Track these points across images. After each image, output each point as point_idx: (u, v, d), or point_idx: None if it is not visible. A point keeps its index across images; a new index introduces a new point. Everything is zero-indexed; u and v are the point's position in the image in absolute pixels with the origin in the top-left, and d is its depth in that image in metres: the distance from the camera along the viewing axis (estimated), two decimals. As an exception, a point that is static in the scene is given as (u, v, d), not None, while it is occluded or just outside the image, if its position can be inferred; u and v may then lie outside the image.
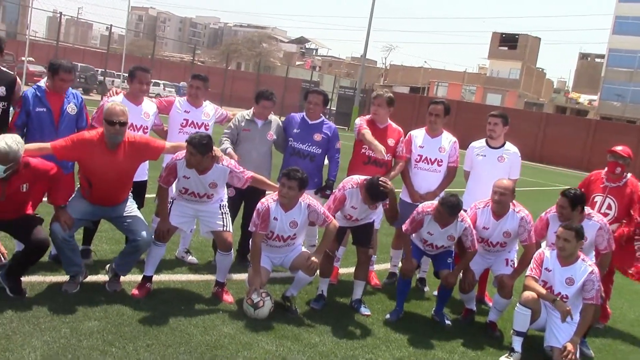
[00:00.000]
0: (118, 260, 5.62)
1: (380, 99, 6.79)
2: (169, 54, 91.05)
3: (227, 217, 5.86)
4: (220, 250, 5.79)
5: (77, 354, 4.22)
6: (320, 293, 6.02)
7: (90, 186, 5.37)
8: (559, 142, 39.57)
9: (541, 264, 5.43)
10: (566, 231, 5.25)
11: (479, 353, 5.38)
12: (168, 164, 5.66)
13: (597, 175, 6.60)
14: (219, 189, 5.77)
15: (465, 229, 5.79)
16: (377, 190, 5.61)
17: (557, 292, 5.36)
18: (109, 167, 5.30)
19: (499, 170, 6.56)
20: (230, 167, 5.68)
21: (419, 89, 72.41)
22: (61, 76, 5.71)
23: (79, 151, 5.27)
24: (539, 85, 79.53)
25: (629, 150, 6.46)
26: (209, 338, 4.80)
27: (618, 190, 6.37)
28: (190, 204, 5.78)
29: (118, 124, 5.21)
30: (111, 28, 41.20)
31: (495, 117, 6.79)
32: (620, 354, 5.89)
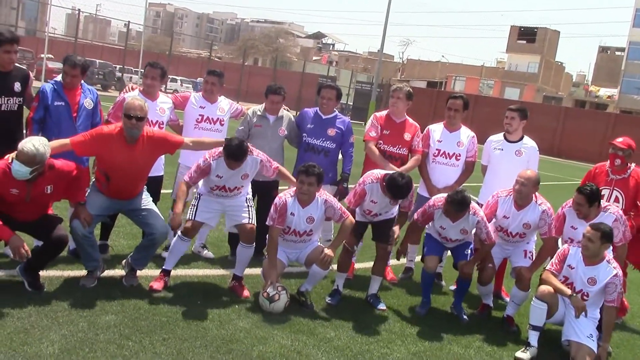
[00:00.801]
0: (134, 254, 5.67)
1: (399, 92, 6.79)
2: (187, 50, 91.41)
3: (252, 210, 5.92)
4: (243, 242, 5.84)
5: (94, 347, 4.26)
6: (335, 288, 6.03)
7: (108, 180, 5.42)
8: (577, 136, 39.24)
9: (564, 260, 5.39)
10: (592, 231, 5.19)
11: (495, 348, 5.35)
12: (200, 165, 5.63)
13: (601, 168, 6.54)
14: (248, 180, 5.84)
15: (478, 222, 5.76)
16: (396, 187, 5.59)
17: (579, 289, 5.32)
18: (127, 161, 5.34)
19: (517, 164, 6.52)
20: (260, 156, 5.76)
21: (437, 84, 72.04)
22: (65, 69, 5.80)
23: (98, 146, 5.31)
24: (557, 78, 78.78)
25: (629, 142, 6.40)
26: (224, 332, 4.83)
27: (624, 182, 6.33)
28: (218, 199, 5.82)
29: (135, 118, 5.25)
30: (129, 24, 41.50)
31: (512, 111, 6.75)
32: (638, 349, 5.84)
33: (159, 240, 5.60)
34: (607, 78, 70.31)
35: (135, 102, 5.30)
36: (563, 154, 38.70)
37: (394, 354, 4.92)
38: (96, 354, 4.17)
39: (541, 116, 39.44)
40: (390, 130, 6.76)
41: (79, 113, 5.86)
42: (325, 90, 6.80)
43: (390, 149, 6.70)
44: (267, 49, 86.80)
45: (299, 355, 4.62)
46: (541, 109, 44.43)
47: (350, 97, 53.36)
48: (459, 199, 5.61)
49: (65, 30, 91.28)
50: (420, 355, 4.99)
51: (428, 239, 6.22)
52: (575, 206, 5.72)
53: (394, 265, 7.15)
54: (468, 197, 5.68)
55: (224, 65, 58.18)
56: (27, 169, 4.75)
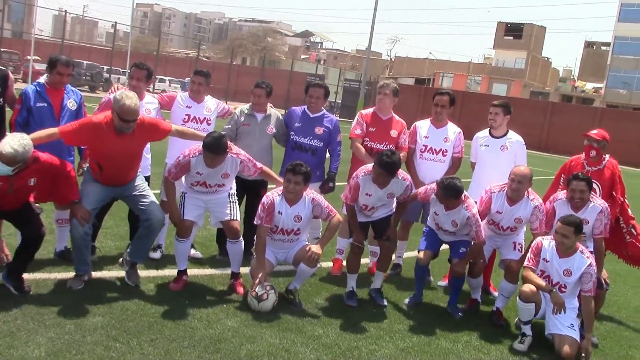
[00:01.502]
0: (132, 247, 5.68)
1: (386, 88, 6.83)
2: (174, 50, 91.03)
3: (234, 206, 5.93)
4: (229, 239, 5.87)
5: (82, 349, 4.25)
6: (351, 290, 6.01)
7: (101, 169, 5.41)
8: (564, 131, 39.42)
9: (538, 253, 5.44)
10: (565, 227, 5.23)
11: (483, 342, 5.38)
12: (180, 161, 5.65)
13: (576, 160, 6.60)
14: (230, 179, 5.84)
15: (469, 219, 5.79)
16: (384, 160, 5.60)
17: (556, 282, 5.38)
18: (118, 150, 5.32)
19: (503, 159, 6.56)
20: (241, 157, 5.75)
21: (424, 81, 72.21)
22: (59, 69, 5.74)
23: (87, 135, 5.30)
24: (544, 74, 79.14)
25: (604, 133, 6.47)
26: (212, 332, 4.83)
27: (599, 174, 6.39)
28: (201, 196, 5.83)
29: (132, 121, 5.26)
30: (116, 25, 41.28)
31: (495, 107, 6.80)
32: (624, 340, 5.89)
33: (155, 226, 5.59)
34: (593, 73, 70.64)
35: (131, 107, 5.21)
36: (550, 149, 38.90)
37: (382, 350, 4.93)
38: (83, 356, 4.16)
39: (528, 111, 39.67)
40: (376, 128, 6.79)
41: (62, 114, 5.83)
42: (313, 89, 6.81)
43: (377, 145, 6.73)
44: (255, 48, 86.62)
45: (287, 353, 4.62)
46: (528, 104, 44.67)
47: (338, 95, 53.37)
48: (447, 183, 5.65)
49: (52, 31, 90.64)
50: (409, 350, 5.00)
51: (427, 233, 6.26)
52: (578, 194, 5.74)
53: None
54: (459, 185, 5.70)
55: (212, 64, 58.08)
56: (9, 167, 4.74)
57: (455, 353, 5.08)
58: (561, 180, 6.55)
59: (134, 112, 5.24)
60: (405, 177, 5.94)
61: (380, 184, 5.80)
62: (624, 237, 6.43)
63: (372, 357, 4.78)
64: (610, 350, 5.54)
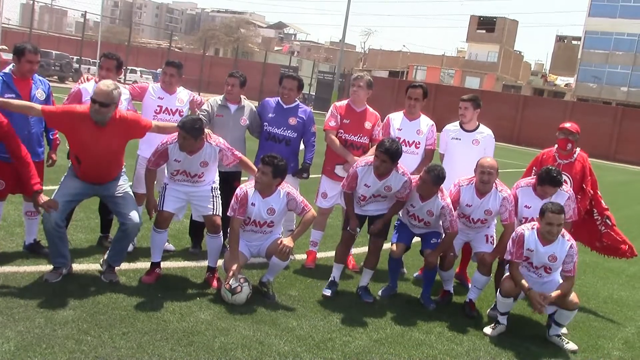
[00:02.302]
0: (110, 252, 5.62)
1: (360, 80, 6.82)
2: (146, 41, 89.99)
3: (217, 201, 5.89)
4: (209, 233, 5.85)
5: (52, 343, 4.19)
6: (332, 279, 6.04)
7: (79, 162, 5.33)
8: (536, 124, 39.97)
9: (522, 245, 5.46)
10: (557, 216, 5.24)
11: (455, 333, 5.42)
12: (158, 148, 5.64)
13: (548, 153, 6.70)
14: (210, 167, 5.79)
15: (443, 208, 5.82)
16: (387, 146, 5.62)
17: (542, 265, 5.46)
18: (96, 143, 5.24)
19: (474, 153, 6.60)
20: (220, 145, 5.73)
21: (398, 73, 72.47)
22: (28, 57, 5.60)
23: (67, 122, 5.21)
24: (516, 68, 79.98)
25: (577, 127, 6.58)
26: (185, 324, 4.79)
27: (570, 166, 6.50)
28: (182, 187, 5.78)
29: (98, 103, 5.14)
30: (86, 15, 40.66)
31: (465, 102, 6.84)
32: (593, 331, 5.98)
33: (131, 230, 5.52)
34: (564, 67, 71.57)
35: (102, 88, 5.16)
36: (522, 142, 39.40)
37: (355, 342, 4.94)
38: (53, 350, 4.10)
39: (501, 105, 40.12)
40: (350, 120, 6.78)
41: None
42: (286, 81, 6.79)
43: (352, 137, 6.73)
44: (228, 39, 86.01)
45: (261, 345, 4.61)
46: (501, 97, 45.16)
47: (312, 87, 53.34)
48: (437, 172, 5.71)
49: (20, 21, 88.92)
50: (382, 342, 5.02)
51: (399, 226, 6.28)
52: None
53: (355, 254, 7.18)
54: (444, 173, 5.78)
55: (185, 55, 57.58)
56: None
57: (428, 344, 5.11)
58: (533, 172, 6.64)
59: (104, 94, 5.13)
60: (405, 173, 5.90)
61: (380, 174, 5.79)
62: (598, 228, 6.55)
63: (345, 348, 4.79)
64: (579, 341, 5.62)
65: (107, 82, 5.26)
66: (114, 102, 5.25)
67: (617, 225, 6.69)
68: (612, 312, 6.71)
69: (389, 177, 5.83)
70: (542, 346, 5.40)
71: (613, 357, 5.39)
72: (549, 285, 5.48)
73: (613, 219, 6.62)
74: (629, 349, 5.65)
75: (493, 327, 5.54)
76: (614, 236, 6.56)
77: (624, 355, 5.48)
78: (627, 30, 61.19)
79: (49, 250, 5.42)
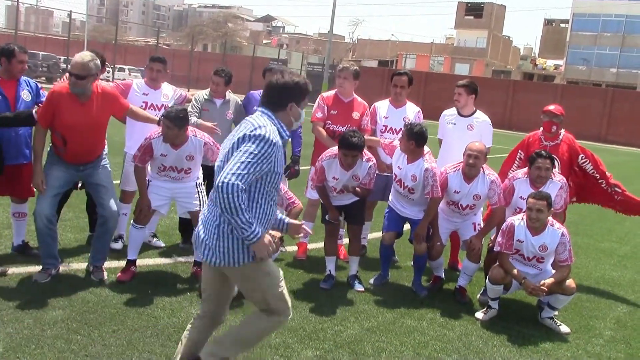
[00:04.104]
0: (92, 252, 5.60)
1: (346, 72, 6.77)
2: (133, 39, 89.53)
3: (203, 196, 5.87)
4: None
5: (41, 343, 4.17)
6: (328, 273, 6.05)
7: (65, 143, 5.25)
8: (527, 109, 39.94)
9: (512, 236, 5.45)
10: (539, 201, 5.25)
11: (447, 319, 5.43)
12: (143, 144, 5.61)
13: (534, 136, 6.71)
14: (196, 162, 5.76)
15: (426, 170, 5.79)
16: (347, 139, 5.61)
17: (533, 256, 5.44)
18: (80, 118, 5.21)
19: (469, 138, 6.56)
20: (205, 139, 5.70)
21: (388, 62, 72.33)
22: (19, 58, 5.59)
23: (52, 105, 5.17)
24: (505, 53, 79.93)
25: (561, 109, 6.61)
26: (176, 320, 4.78)
27: (557, 148, 6.52)
28: (167, 184, 5.75)
29: (74, 76, 5.11)
30: (71, 14, 40.40)
31: (459, 87, 6.85)
32: (585, 311, 6.00)
33: (109, 222, 5.52)
34: (553, 50, 71.61)
35: (77, 60, 5.13)
36: (513, 126, 39.40)
37: (347, 331, 4.94)
38: (43, 350, 4.09)
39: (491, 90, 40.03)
40: (338, 110, 6.75)
41: (17, 106, 5.66)
42: (270, 75, 6.75)
43: (340, 128, 6.68)
44: (216, 34, 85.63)
45: (252, 338, 4.59)
46: (491, 83, 45.12)
47: (302, 79, 53.03)
48: (416, 130, 5.75)
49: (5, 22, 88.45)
50: (374, 330, 5.02)
51: (388, 212, 6.27)
52: (544, 172, 5.80)
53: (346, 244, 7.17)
54: (426, 133, 5.82)
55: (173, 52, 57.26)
56: None
57: (420, 330, 5.12)
58: (518, 155, 6.65)
59: (79, 66, 5.10)
60: (369, 158, 5.93)
61: (347, 166, 5.78)
62: (613, 196, 6.61)
63: (337, 338, 4.79)
64: (571, 322, 5.64)
65: (84, 54, 5.22)
66: (91, 74, 5.20)
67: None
68: (604, 292, 6.73)
69: (355, 167, 5.84)
70: (535, 329, 5.41)
71: (605, 337, 5.41)
72: (543, 276, 5.47)
73: (621, 185, 6.64)
74: (621, 328, 5.67)
75: (485, 312, 5.55)
76: (629, 199, 6.63)
77: (616, 334, 5.50)
78: (614, 12, 61.30)
79: (40, 250, 5.39)
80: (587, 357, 4.98)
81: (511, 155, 6.80)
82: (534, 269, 5.52)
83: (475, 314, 5.55)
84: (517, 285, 5.51)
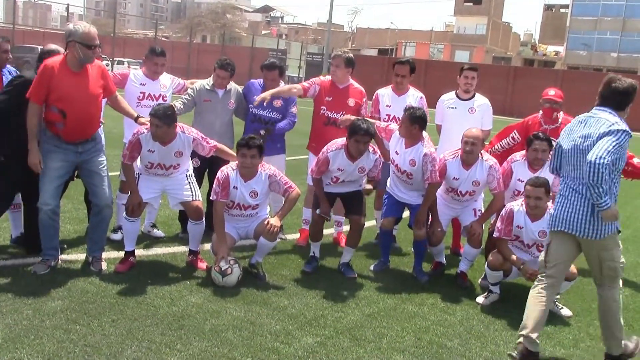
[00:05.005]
0: (89, 243, 5.58)
1: (338, 60, 6.72)
2: (132, 31, 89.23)
3: (194, 186, 5.84)
4: (192, 220, 5.79)
5: (40, 334, 4.16)
6: (312, 255, 6.05)
7: (64, 116, 5.15)
8: (528, 95, 39.71)
9: (511, 222, 5.42)
10: (537, 189, 5.22)
11: (448, 304, 5.41)
12: (130, 140, 5.57)
13: (533, 120, 6.67)
14: (184, 158, 5.72)
15: (425, 155, 5.75)
16: (359, 126, 5.58)
17: (533, 243, 5.42)
18: (77, 89, 5.17)
19: (470, 122, 6.52)
20: (193, 135, 5.65)
21: (387, 51, 72.12)
22: (2, 47, 5.66)
23: (47, 79, 5.08)
24: (505, 39, 79.66)
25: (560, 93, 6.59)
26: (176, 309, 4.77)
27: (557, 131, 6.42)
28: (157, 178, 5.71)
29: (91, 46, 5.16)
30: (69, 8, 40.27)
31: (473, 71, 6.83)
32: (587, 294, 5.98)
33: (104, 211, 5.49)
34: (553, 35, 71.34)
35: (93, 31, 5.20)
36: (515, 113, 39.15)
37: (348, 317, 4.92)
38: (42, 341, 4.07)
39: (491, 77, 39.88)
40: (333, 97, 6.69)
41: None
42: (267, 73, 6.72)
43: (334, 115, 6.62)
44: (215, 25, 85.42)
45: (252, 325, 4.59)
46: (491, 69, 44.94)
47: (302, 69, 53.06)
48: (418, 114, 5.72)
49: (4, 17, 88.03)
50: (375, 316, 5.01)
51: (387, 199, 6.24)
52: (541, 154, 5.78)
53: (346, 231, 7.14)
54: (426, 117, 5.80)
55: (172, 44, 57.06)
56: None
57: (421, 315, 5.10)
58: (512, 134, 6.63)
59: (94, 35, 5.19)
60: (375, 151, 5.90)
61: (358, 154, 5.73)
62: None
63: (338, 324, 4.77)
64: (573, 305, 5.63)
65: (86, 24, 5.29)
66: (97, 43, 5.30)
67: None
68: (606, 275, 6.69)
69: (361, 159, 5.79)
70: (536, 312, 5.38)
71: (607, 319, 5.37)
72: None
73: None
74: (623, 311, 5.60)
75: (486, 297, 5.53)
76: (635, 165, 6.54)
77: (618, 316, 5.47)
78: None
79: (42, 241, 5.34)
80: (589, 339, 4.96)
81: (505, 131, 6.76)
82: (533, 257, 5.48)
83: (477, 299, 5.53)
84: (517, 272, 5.49)
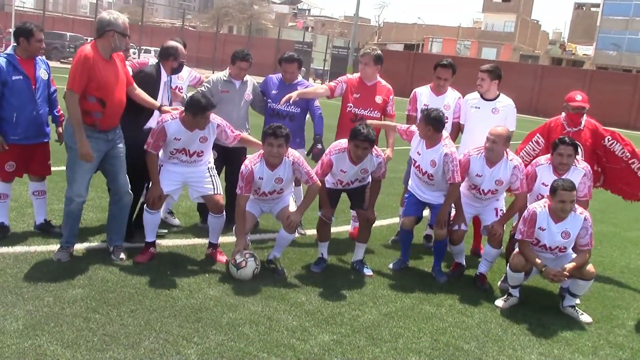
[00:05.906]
0: (108, 234, 5.64)
1: (367, 57, 6.71)
2: (160, 20, 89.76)
3: (216, 180, 5.85)
4: (212, 213, 5.81)
5: (60, 321, 4.21)
6: (320, 256, 6.01)
7: (104, 105, 5.21)
8: (555, 94, 39.29)
9: (533, 224, 5.34)
10: (569, 193, 5.14)
11: (466, 306, 5.37)
12: (155, 129, 5.55)
13: (556, 122, 6.56)
14: (208, 145, 5.74)
15: (446, 155, 5.74)
16: (359, 131, 5.54)
17: (555, 246, 5.35)
18: (111, 75, 5.26)
19: (493, 122, 6.46)
20: (218, 121, 5.69)
21: (413, 46, 71.69)
22: (37, 37, 5.64)
23: (87, 69, 5.09)
24: (534, 37, 78.71)
25: (587, 97, 6.46)
26: (194, 301, 4.80)
27: (579, 134, 6.37)
28: (178, 168, 5.72)
29: (125, 35, 5.29)
30: (98, -5, 40.52)
31: (482, 72, 6.76)
32: (608, 301, 5.90)
33: (124, 198, 5.55)
34: (583, 35, 70.39)
35: (125, 20, 5.32)
36: (541, 112, 38.84)
37: (365, 316, 4.92)
38: (62, 328, 4.12)
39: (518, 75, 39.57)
40: (360, 94, 6.69)
41: (37, 85, 5.71)
42: (286, 65, 6.76)
43: (362, 112, 6.64)
44: (242, 16, 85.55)
45: (269, 320, 4.60)
46: (518, 68, 44.55)
47: (327, 62, 52.98)
48: (433, 115, 5.71)
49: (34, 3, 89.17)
50: (392, 315, 4.99)
51: (408, 198, 6.23)
52: (566, 159, 5.67)
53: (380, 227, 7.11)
54: (443, 118, 5.79)
55: (198, 34, 57.41)
56: None
57: (438, 317, 5.07)
58: (535, 139, 6.54)
59: (127, 24, 5.34)
60: (378, 154, 5.84)
61: (357, 158, 5.71)
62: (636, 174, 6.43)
63: (354, 322, 4.76)
64: (594, 311, 5.55)
65: (117, 12, 5.39)
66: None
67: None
68: (629, 282, 6.61)
69: (364, 161, 5.77)
70: (556, 317, 5.33)
71: (628, 327, 5.31)
72: (563, 259, 5.38)
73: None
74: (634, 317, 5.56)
75: (505, 300, 5.48)
76: None
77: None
78: (647, -5, 59.95)
79: (64, 230, 5.42)
80: (608, 347, 4.89)
81: (529, 136, 6.68)
82: (555, 259, 5.42)
83: (495, 302, 5.49)
84: (536, 271, 5.43)
